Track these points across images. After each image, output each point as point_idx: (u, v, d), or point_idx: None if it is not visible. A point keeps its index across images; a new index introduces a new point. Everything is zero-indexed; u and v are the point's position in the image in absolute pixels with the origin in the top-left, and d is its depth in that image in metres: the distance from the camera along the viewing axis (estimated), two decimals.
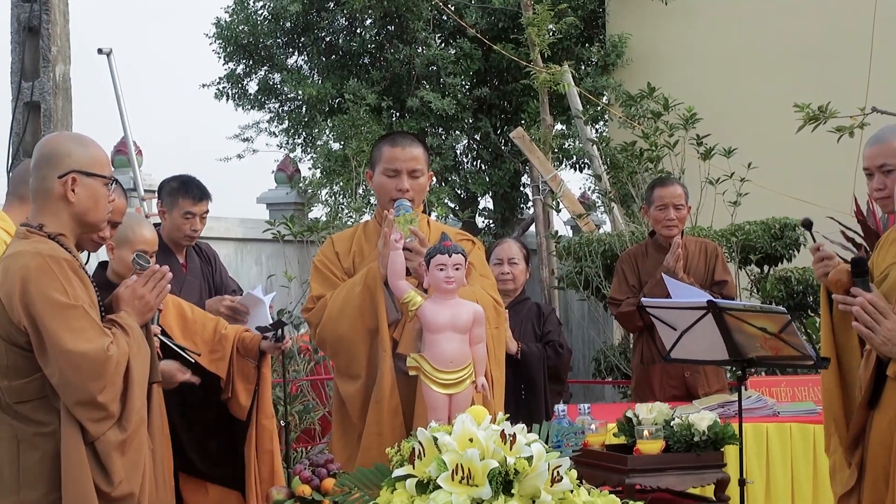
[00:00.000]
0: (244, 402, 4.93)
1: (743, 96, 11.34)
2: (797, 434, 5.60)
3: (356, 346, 4.34)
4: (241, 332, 4.99)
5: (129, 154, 9.23)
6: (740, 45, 11.60)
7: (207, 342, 4.87)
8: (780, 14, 11.46)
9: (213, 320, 5.00)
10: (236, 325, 5.09)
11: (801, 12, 11.35)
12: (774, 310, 4.52)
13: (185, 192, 5.59)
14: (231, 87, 13.91)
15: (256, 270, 10.15)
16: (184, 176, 5.71)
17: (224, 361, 4.91)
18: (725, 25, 11.76)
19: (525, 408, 5.66)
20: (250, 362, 4.95)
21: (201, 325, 4.93)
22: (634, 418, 4.76)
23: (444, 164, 12.48)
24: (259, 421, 4.93)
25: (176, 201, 5.58)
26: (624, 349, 8.95)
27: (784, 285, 8.26)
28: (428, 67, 12.79)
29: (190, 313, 4.92)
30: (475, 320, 4.01)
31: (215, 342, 4.90)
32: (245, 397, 4.94)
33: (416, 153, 4.50)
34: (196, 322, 4.91)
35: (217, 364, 4.89)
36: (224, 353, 4.90)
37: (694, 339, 4.80)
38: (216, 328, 4.94)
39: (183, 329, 4.82)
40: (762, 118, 10.92)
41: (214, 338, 4.90)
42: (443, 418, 3.83)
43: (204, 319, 4.96)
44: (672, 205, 6.41)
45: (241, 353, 4.94)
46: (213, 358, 4.88)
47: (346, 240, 4.62)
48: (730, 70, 11.55)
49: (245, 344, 4.94)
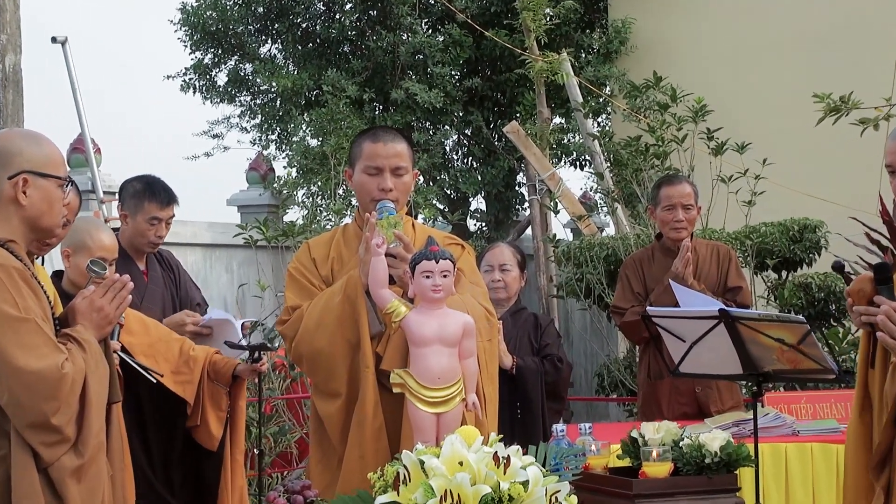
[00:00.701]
0: (215, 432, 4.92)
1: (757, 86, 11.36)
2: (819, 455, 5.60)
3: (335, 361, 4.34)
4: (212, 354, 4.99)
5: (87, 152, 9.20)
6: (754, 30, 11.61)
7: (171, 362, 4.86)
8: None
9: (178, 339, 4.99)
10: (206, 347, 5.08)
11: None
12: (793, 319, 4.53)
13: (151, 196, 5.58)
14: (198, 78, 13.89)
15: (227, 279, 10.13)
16: (148, 177, 5.70)
17: (192, 385, 4.90)
18: (738, 9, 11.77)
19: (521, 428, 5.66)
20: (222, 388, 4.94)
21: (165, 343, 4.92)
22: (640, 438, 4.76)
23: (432, 161, 12.48)
24: (233, 456, 4.93)
25: (141, 205, 5.56)
26: (629, 363, 8.95)
27: (804, 292, 8.28)
28: (414, 56, 12.79)
29: (153, 330, 4.91)
30: (465, 332, 4.01)
31: (181, 363, 4.89)
32: (216, 426, 4.93)
33: (400, 149, 4.51)
34: (160, 340, 4.89)
35: (184, 387, 4.87)
36: (192, 376, 4.89)
37: (705, 352, 4.80)
38: (182, 348, 4.93)
39: (145, 347, 4.80)
40: (779, 110, 10.94)
41: (180, 358, 4.89)
42: (430, 440, 3.83)
43: (168, 338, 4.95)
44: (680, 205, 6.41)
45: (211, 378, 4.94)
46: (178, 380, 4.87)
47: (323, 245, 4.62)
48: (743, 57, 11.56)
49: (217, 367, 4.93)
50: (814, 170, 10.45)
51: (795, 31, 11.43)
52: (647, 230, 8.90)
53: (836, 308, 8.23)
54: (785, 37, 11.47)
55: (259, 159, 11.58)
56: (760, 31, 11.57)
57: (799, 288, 8.32)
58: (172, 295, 5.71)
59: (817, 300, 8.27)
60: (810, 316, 7.96)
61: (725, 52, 11.66)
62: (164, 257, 5.81)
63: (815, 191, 9.55)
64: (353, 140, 4.74)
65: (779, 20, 11.54)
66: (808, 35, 11.34)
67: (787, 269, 8.66)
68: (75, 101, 9.02)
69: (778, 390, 7.07)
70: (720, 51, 11.69)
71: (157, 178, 5.70)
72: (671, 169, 8.91)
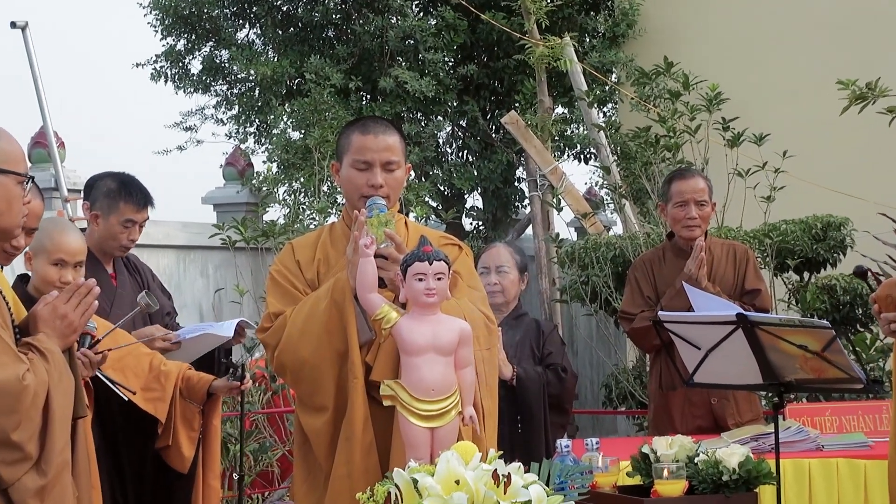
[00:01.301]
0: (187, 453, 4.92)
1: (777, 72, 11.37)
2: (845, 471, 5.60)
3: (322, 372, 4.33)
4: (185, 369, 4.98)
5: (50, 147, 9.20)
6: (773, 11, 11.62)
7: (141, 378, 4.86)
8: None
9: (148, 353, 4.99)
10: (178, 362, 5.07)
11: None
12: (817, 324, 4.53)
13: (127, 196, 5.58)
14: (170, 66, 13.88)
15: (202, 283, 10.13)
16: (123, 175, 5.69)
17: (163, 403, 4.90)
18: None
19: (522, 443, 5.66)
20: (195, 406, 4.94)
21: (135, 357, 4.91)
22: (652, 454, 4.75)
23: (424, 155, 12.49)
24: (206, 481, 4.92)
25: (115, 206, 5.56)
26: (639, 373, 8.96)
27: (827, 295, 8.28)
28: (403, 41, 12.79)
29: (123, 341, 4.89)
30: (461, 340, 4.00)
31: (151, 378, 4.88)
32: (188, 447, 4.93)
33: (392, 142, 4.50)
34: (129, 353, 4.88)
35: (155, 405, 4.87)
36: (164, 392, 4.89)
37: (721, 360, 4.80)
38: (153, 363, 4.92)
39: (113, 360, 4.80)
40: (800, 98, 10.95)
41: (150, 374, 4.89)
42: (424, 457, 3.82)
43: (138, 351, 4.94)
44: (693, 201, 6.42)
45: (184, 395, 4.93)
46: (148, 397, 4.86)
47: (308, 246, 4.61)
48: (761, 40, 11.57)
49: (191, 384, 4.93)
50: (838, 162, 10.46)
51: (818, 11, 11.44)
52: (657, 229, 8.91)
53: (862, 312, 8.24)
54: (807, 18, 11.47)
55: (236, 154, 11.58)
56: (780, 12, 11.58)
57: (822, 290, 8.33)
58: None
59: (842, 303, 8.27)
60: (835, 321, 7.97)
61: (742, 35, 11.67)
62: (131, 260, 5.80)
63: (839, 185, 9.55)
64: (340, 132, 4.73)
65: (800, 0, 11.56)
66: (831, 16, 11.35)
67: (809, 270, 8.67)
68: (37, 91, 9.01)
69: (801, 401, 7.08)
70: (736, 33, 11.69)
71: (132, 177, 5.70)
72: (683, 162, 8.91)
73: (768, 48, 11.52)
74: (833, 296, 8.29)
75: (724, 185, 8.69)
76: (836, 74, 7.94)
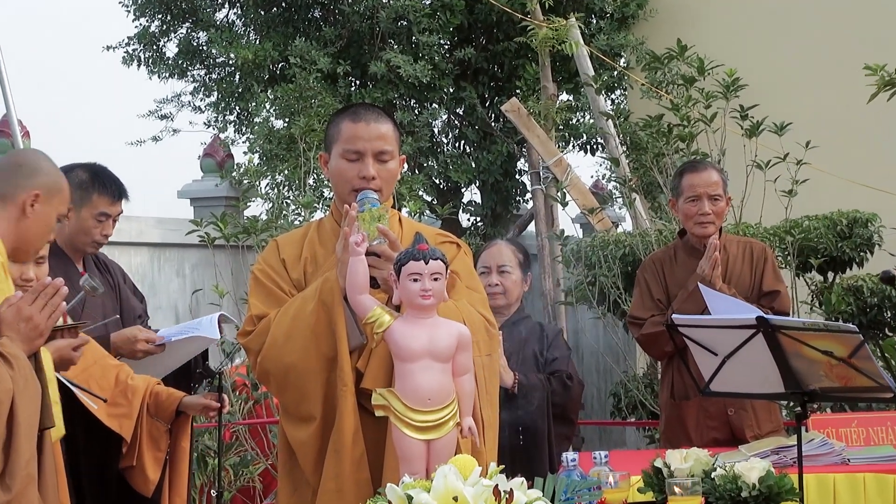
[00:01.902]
0: (151, 476, 4.93)
1: (799, 56, 11.37)
2: (873, 487, 5.60)
3: (308, 379, 4.34)
4: (154, 384, 4.97)
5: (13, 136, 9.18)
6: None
7: (107, 391, 4.85)
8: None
9: (115, 365, 4.98)
10: (146, 377, 5.07)
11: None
12: (843, 328, 4.53)
13: (101, 188, 5.61)
14: (144, 49, 13.87)
15: (178, 284, 10.13)
16: (95, 165, 5.72)
17: (129, 420, 4.90)
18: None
19: (524, 456, 5.67)
20: (162, 424, 4.93)
21: (101, 368, 4.91)
22: (665, 469, 4.76)
23: (418, 145, 12.49)
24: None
25: (88, 198, 5.58)
26: (650, 381, 8.96)
27: (854, 297, 8.29)
28: (396, 22, 12.78)
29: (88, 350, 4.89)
30: (460, 345, 4.00)
31: (117, 393, 4.88)
32: (153, 469, 4.93)
33: (385, 130, 4.51)
34: (95, 364, 4.88)
35: (120, 421, 4.87)
36: (130, 408, 4.89)
37: (740, 367, 4.81)
38: (119, 376, 4.92)
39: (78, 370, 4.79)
40: (824, 84, 10.96)
41: (117, 388, 4.89)
42: (419, 471, 3.82)
43: (105, 362, 4.94)
44: (706, 195, 6.42)
45: (151, 413, 4.93)
46: (113, 413, 4.86)
47: (294, 243, 4.62)
48: (782, 22, 11.58)
49: (159, 401, 4.93)
50: (865, 154, 10.48)
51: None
52: (670, 225, 8.92)
53: (891, 315, 8.25)
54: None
55: (215, 144, 11.59)
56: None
57: (848, 292, 8.33)
58: (115, 302, 5.70)
59: (870, 306, 8.27)
60: (862, 324, 7.97)
61: (762, 16, 11.67)
62: (100, 259, 5.81)
63: (866, 178, 9.56)
64: (329, 120, 4.74)
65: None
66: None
67: (833, 269, 8.68)
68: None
69: (825, 412, 7.09)
70: (755, 14, 11.69)
71: (105, 167, 5.73)
72: (698, 153, 8.92)
73: (790, 30, 11.52)
74: (860, 298, 8.29)
75: (742, 179, 8.70)
76: (863, 59, 7.95)
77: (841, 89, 9.82)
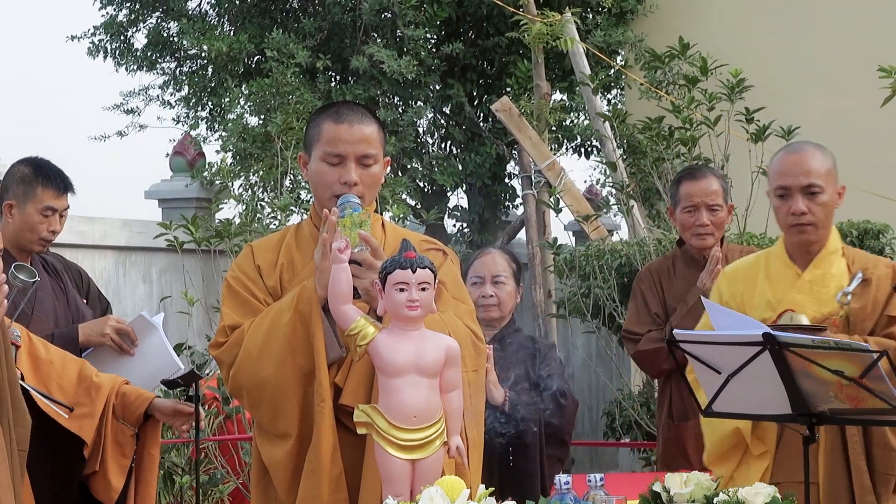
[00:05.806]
0: (115, 483, 4.91)
1: (807, 56, 11.39)
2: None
3: (284, 394, 4.34)
4: (121, 384, 4.95)
5: None
6: None
7: (67, 392, 4.84)
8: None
9: (75, 363, 4.97)
10: (112, 375, 5.05)
11: None
12: (855, 346, 4.53)
13: (45, 181, 5.65)
14: (110, 39, 13.87)
15: (144, 290, 10.11)
16: (37, 159, 5.77)
17: (92, 420, 4.87)
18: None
19: (513, 478, 5.67)
20: (128, 428, 4.91)
21: (59, 367, 4.89)
22: (664, 493, 4.76)
23: (402, 146, 12.48)
24: None
25: (32, 192, 5.63)
26: (646, 399, 8.96)
27: None
28: (379, 15, 12.78)
29: (43, 351, 4.88)
30: (448, 359, 4.00)
31: (80, 392, 4.86)
32: (117, 477, 4.91)
33: (369, 133, 4.51)
34: (52, 364, 4.86)
35: (81, 423, 4.84)
36: (92, 408, 4.87)
37: (745, 386, 4.80)
38: (82, 372, 4.90)
39: (35, 372, 4.78)
40: (834, 86, 10.97)
41: (79, 386, 4.87)
42: (403, 492, 3.83)
43: (63, 360, 4.92)
44: (704, 205, 6.42)
45: (116, 415, 4.90)
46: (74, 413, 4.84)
47: (270, 249, 4.61)
48: (790, 20, 11.59)
49: (126, 401, 4.90)
50: (877, 161, 10.49)
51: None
52: (669, 234, 8.92)
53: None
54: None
55: (185, 141, 11.57)
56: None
57: None
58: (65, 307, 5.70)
59: None
60: None
61: (768, 13, 11.69)
62: (48, 261, 5.82)
63: (878, 187, 9.57)
64: (309, 118, 4.74)
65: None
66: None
67: None
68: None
69: None
70: (761, 12, 11.71)
71: (47, 161, 5.79)
72: (700, 158, 8.93)
73: (799, 28, 11.54)
74: None
75: (747, 186, 8.72)
76: (876, 60, 7.97)
77: (853, 92, 9.83)
